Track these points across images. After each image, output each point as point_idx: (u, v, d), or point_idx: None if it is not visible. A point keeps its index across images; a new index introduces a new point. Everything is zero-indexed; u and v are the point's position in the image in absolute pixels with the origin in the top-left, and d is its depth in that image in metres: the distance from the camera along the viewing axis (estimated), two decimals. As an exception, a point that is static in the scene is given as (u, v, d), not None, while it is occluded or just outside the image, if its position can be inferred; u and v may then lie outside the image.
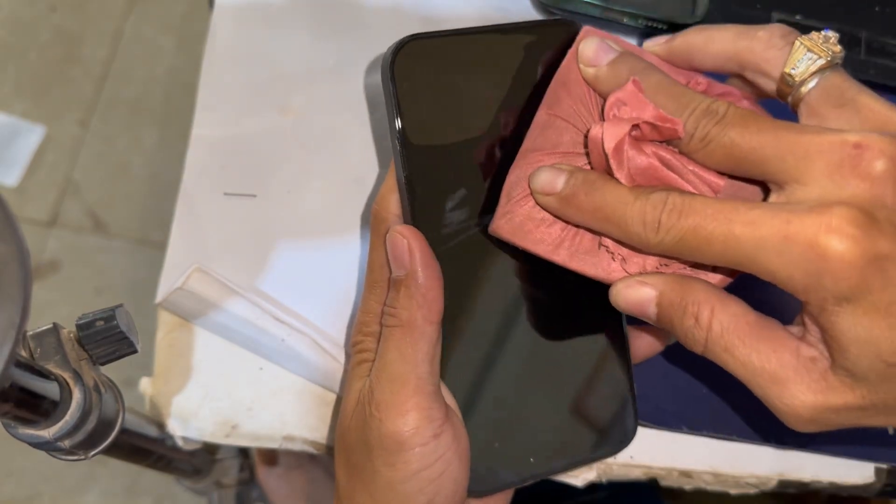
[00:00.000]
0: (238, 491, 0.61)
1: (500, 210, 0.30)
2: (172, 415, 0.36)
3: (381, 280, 0.31)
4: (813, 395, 0.27)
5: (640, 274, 0.29)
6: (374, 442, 0.29)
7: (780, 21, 0.42)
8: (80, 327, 0.28)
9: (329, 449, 0.37)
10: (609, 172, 0.29)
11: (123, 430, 0.32)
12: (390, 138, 0.31)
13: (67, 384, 0.28)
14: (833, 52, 0.29)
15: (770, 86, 0.31)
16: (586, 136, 0.30)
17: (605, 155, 0.29)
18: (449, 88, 0.31)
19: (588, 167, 0.30)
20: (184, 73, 1.21)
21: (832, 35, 0.30)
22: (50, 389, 0.27)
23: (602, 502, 0.54)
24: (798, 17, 0.43)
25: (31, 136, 1.16)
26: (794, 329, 0.28)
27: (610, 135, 0.28)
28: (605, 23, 0.42)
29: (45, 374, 0.27)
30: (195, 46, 1.19)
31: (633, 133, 0.29)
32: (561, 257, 0.30)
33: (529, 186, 0.30)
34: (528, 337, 0.32)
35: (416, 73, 0.30)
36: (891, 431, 0.38)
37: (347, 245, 0.39)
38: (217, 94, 0.41)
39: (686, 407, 0.37)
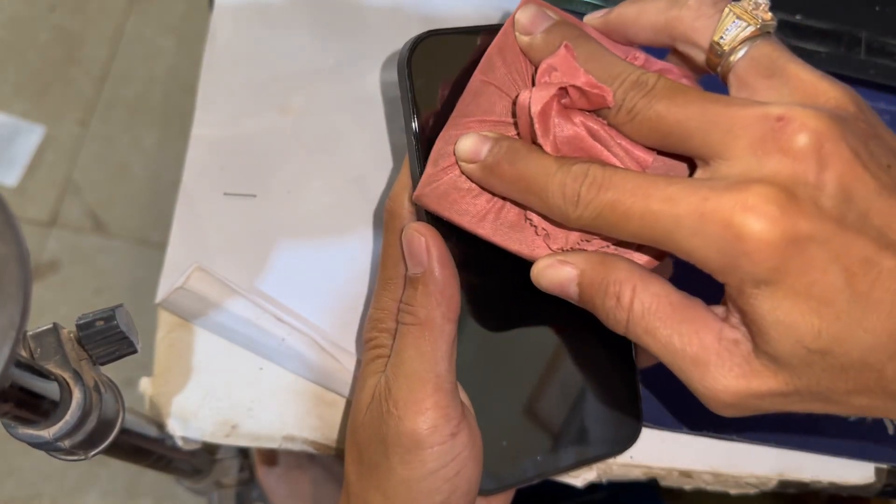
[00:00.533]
0: (238, 491, 0.61)
1: (424, 177, 0.29)
2: (172, 415, 0.36)
3: (395, 277, 0.31)
4: (735, 380, 0.25)
5: (562, 252, 0.28)
6: (391, 439, 0.29)
7: (780, 21, 0.42)
8: (80, 327, 0.28)
9: (329, 448, 0.37)
10: (534, 140, 0.28)
11: (123, 430, 0.32)
12: (406, 134, 0.31)
13: (67, 384, 0.28)
14: (763, 20, 0.28)
15: (701, 57, 0.29)
16: (515, 104, 0.29)
17: (531, 120, 0.28)
18: (465, 85, 0.31)
19: (517, 137, 0.29)
20: (184, 73, 1.21)
21: (762, 2, 0.28)
22: (50, 389, 0.27)
23: (602, 502, 0.54)
24: (798, 17, 0.43)
25: (31, 136, 1.16)
26: (719, 310, 0.27)
27: (537, 98, 0.28)
28: (605, 23, 0.42)
29: (45, 374, 0.27)
30: (195, 46, 1.19)
31: (563, 101, 0.28)
32: (485, 230, 0.29)
33: (454, 153, 0.29)
34: (537, 336, 0.32)
35: (433, 68, 0.30)
36: (891, 431, 0.38)
37: (347, 245, 0.39)
38: (217, 94, 0.41)
39: (686, 407, 0.37)
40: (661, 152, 0.28)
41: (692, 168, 0.28)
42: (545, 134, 0.28)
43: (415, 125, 0.30)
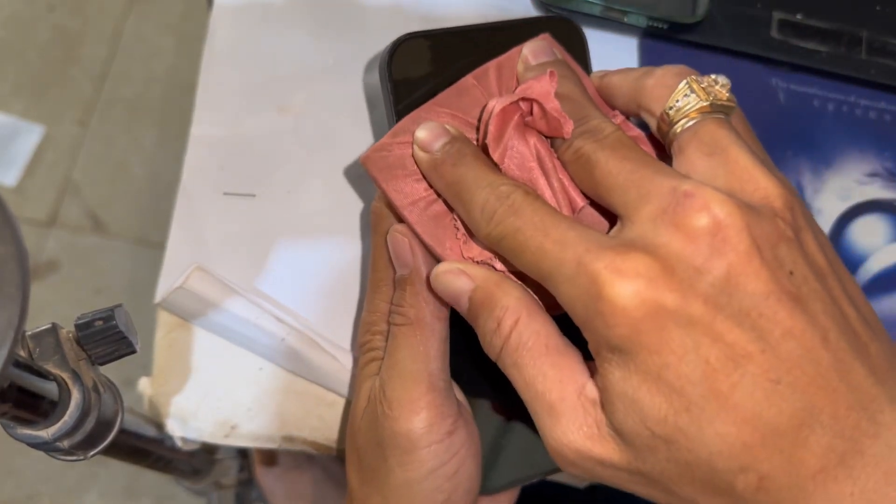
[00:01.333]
0: (237, 491, 0.61)
1: (378, 144, 0.30)
2: (171, 415, 0.36)
3: (385, 279, 0.31)
4: (581, 440, 0.25)
5: (466, 263, 0.28)
6: (388, 441, 0.29)
7: (780, 20, 0.42)
8: (78, 327, 0.28)
9: (329, 449, 0.37)
10: (485, 149, 0.29)
11: (122, 431, 0.32)
12: None
13: (66, 384, 0.28)
14: (717, 97, 0.27)
15: (654, 125, 0.29)
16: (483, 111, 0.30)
17: (488, 124, 0.28)
18: (446, 86, 0.31)
19: (476, 143, 0.30)
20: (183, 73, 1.21)
21: (723, 80, 0.28)
22: (49, 389, 0.26)
23: (602, 502, 0.54)
24: (799, 17, 0.43)
25: (31, 136, 1.16)
26: (593, 365, 0.26)
27: (501, 102, 0.28)
28: (606, 22, 0.42)
29: (43, 374, 0.27)
30: (195, 46, 1.19)
31: (527, 119, 0.29)
32: (411, 216, 0.29)
33: (414, 134, 0.30)
34: None
35: (413, 70, 0.30)
36: None
37: (347, 245, 0.39)
38: (216, 94, 0.41)
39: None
40: (595, 204, 0.28)
41: None
42: (496, 140, 0.28)
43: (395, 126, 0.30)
